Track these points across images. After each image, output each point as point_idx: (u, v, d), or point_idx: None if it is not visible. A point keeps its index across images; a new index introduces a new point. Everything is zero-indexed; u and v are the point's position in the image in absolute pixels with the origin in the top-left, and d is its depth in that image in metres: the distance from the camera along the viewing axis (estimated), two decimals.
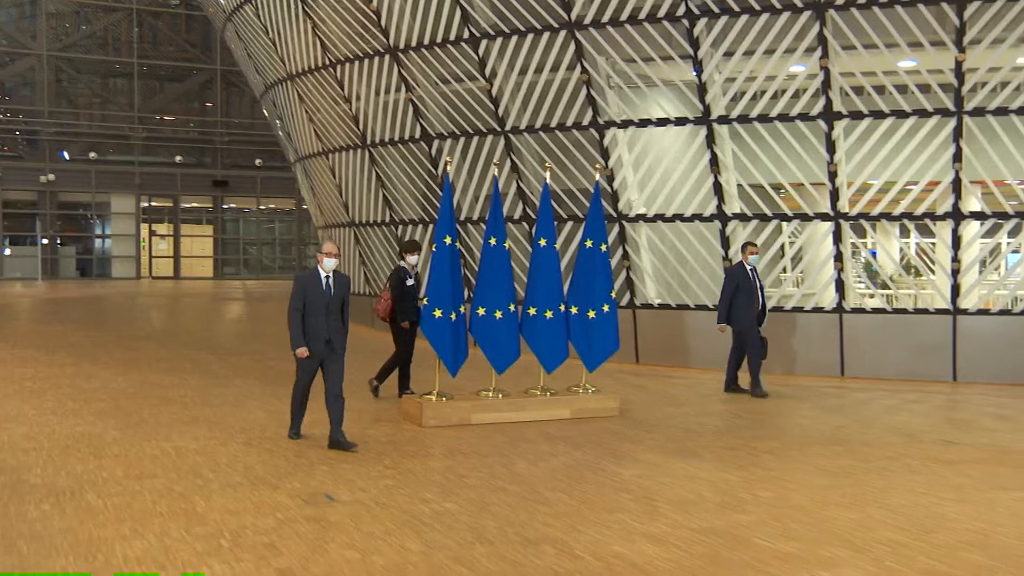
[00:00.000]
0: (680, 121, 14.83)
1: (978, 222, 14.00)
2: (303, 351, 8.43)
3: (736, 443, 9.24)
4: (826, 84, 13.50)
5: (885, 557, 5.77)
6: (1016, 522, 6.54)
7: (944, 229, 13.89)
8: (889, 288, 16.69)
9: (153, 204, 47.40)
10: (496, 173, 11.03)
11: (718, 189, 14.39)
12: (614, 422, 10.27)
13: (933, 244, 17.24)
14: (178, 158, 46.14)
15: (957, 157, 13.19)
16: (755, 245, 12.56)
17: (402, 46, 17.02)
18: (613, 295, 11.16)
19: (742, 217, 14.48)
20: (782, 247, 16.23)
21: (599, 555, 5.71)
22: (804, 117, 13.80)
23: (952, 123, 13.14)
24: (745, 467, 8.22)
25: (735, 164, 14.64)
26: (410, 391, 10.96)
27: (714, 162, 14.31)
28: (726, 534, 6.20)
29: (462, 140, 16.77)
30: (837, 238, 13.97)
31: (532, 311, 10.57)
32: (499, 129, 16.09)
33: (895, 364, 13.66)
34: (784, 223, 15.11)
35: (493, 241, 10.41)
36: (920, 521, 6.55)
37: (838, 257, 13.97)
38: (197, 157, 47.59)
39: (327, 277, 8.49)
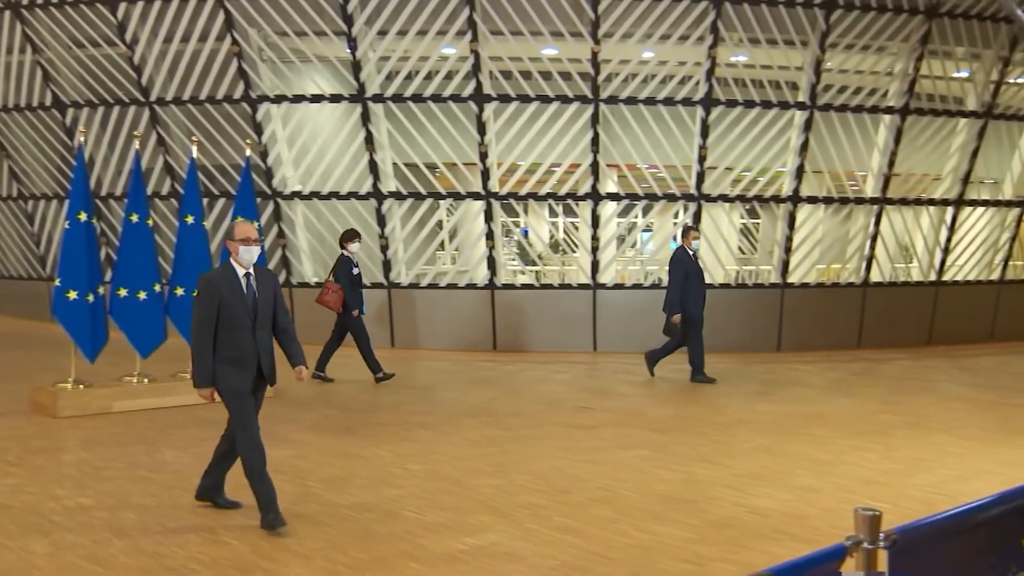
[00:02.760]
0: (335, 98, 14.80)
1: (614, 203, 15.21)
2: (208, 393, 6.00)
3: (390, 419, 9.43)
4: (476, 67, 14.04)
5: (525, 519, 6.14)
6: (638, 477, 7.20)
7: (585, 209, 14.94)
8: (537, 265, 17.73)
9: None
10: (138, 146, 10.48)
11: (374, 167, 14.53)
12: (269, 403, 9.99)
13: (576, 223, 18.54)
14: None
15: (595, 142, 14.24)
16: (697, 230, 12.47)
17: (25, 2, 15.57)
18: None
19: (398, 196, 14.73)
20: (439, 224, 16.72)
21: (246, 539, 5.63)
22: (456, 98, 14.26)
23: (590, 110, 14.16)
24: (398, 442, 8.41)
25: (390, 143, 14.84)
26: (384, 374, 11.40)
27: (369, 140, 14.43)
28: (377, 508, 6.32)
29: (101, 110, 15.68)
30: (489, 217, 14.60)
31: (179, 292, 10.16)
32: (143, 99, 15.23)
33: (543, 337, 14.54)
34: (440, 202, 15.55)
35: (135, 218, 9.91)
36: (557, 483, 7.03)
37: (490, 235, 14.61)
38: None
39: (246, 275, 6.01)
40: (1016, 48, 15.48)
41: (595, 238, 14.58)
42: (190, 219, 10.29)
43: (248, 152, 11.27)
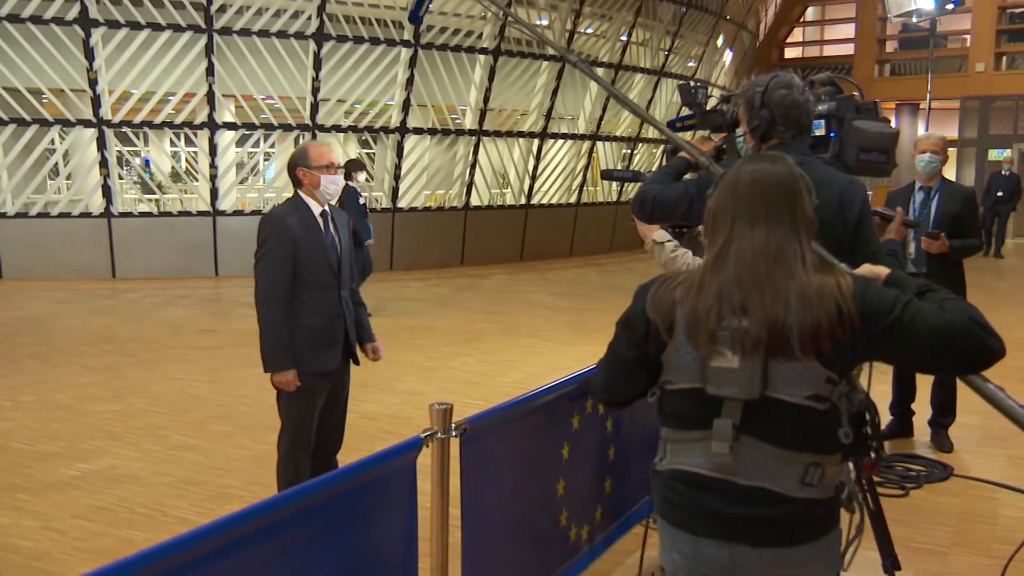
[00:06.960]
0: None
1: (232, 132, 14.62)
2: (291, 378, 4.09)
3: None
4: None
5: (142, 440, 5.86)
6: (257, 393, 7.06)
7: (203, 139, 14.21)
8: (157, 194, 16.71)
9: None
10: None
11: None
12: None
13: (196, 152, 17.50)
14: None
15: (210, 71, 13.54)
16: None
17: None
18: None
19: None
20: (48, 152, 15.15)
21: None
22: (59, 21, 12.89)
23: (204, 39, 13.41)
24: (8, 375, 7.65)
25: None
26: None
27: None
28: None
29: None
30: (102, 145, 13.47)
31: None
32: None
33: (164, 264, 13.78)
34: (49, 128, 14.04)
35: None
36: (177, 404, 6.77)
37: (104, 163, 13.51)
38: None
39: (323, 214, 4.21)
40: (585, 3, 16.71)
41: (213, 166, 13.97)
42: None
43: None
